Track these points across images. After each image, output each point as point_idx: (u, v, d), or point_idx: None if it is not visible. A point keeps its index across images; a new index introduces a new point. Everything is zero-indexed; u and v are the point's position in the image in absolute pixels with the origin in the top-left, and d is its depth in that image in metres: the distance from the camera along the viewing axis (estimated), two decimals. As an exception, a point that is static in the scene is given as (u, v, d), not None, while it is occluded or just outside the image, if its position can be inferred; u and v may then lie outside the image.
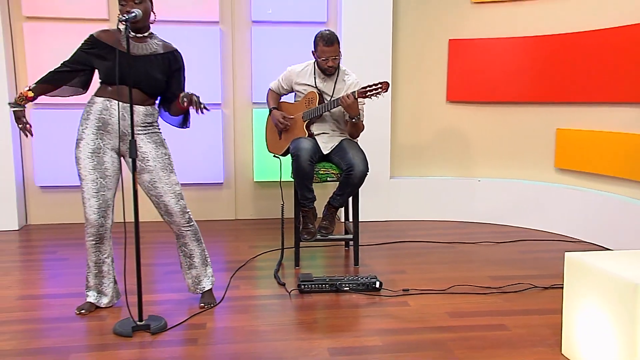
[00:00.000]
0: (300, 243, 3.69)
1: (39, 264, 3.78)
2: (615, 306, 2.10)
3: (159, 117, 2.97)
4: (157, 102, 2.94)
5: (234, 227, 4.76)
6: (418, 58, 4.93)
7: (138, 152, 2.78)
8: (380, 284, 3.24)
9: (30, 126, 2.83)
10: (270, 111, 3.83)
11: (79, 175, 2.80)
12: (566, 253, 2.38)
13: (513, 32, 4.66)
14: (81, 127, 2.80)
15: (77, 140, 2.80)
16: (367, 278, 3.27)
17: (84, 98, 2.99)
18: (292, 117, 3.74)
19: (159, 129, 2.91)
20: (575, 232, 4.38)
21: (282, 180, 3.79)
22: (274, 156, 3.91)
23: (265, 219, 5.02)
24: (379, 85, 3.38)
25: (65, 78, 2.88)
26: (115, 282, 3.00)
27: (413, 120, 4.99)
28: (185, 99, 2.74)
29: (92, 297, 2.95)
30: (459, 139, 4.97)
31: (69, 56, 2.89)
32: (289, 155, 3.66)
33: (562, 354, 2.43)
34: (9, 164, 4.58)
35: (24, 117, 2.82)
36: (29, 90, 2.83)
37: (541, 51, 4.52)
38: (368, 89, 3.40)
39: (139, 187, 2.68)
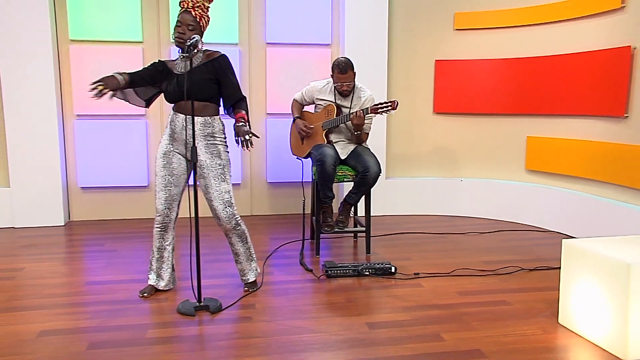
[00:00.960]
0: (320, 235, 3.77)
1: (92, 254, 3.80)
2: (610, 283, 2.25)
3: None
4: (220, 111, 2.93)
5: (251, 222, 4.81)
6: (409, 76, 5.06)
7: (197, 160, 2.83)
8: (395, 269, 3.36)
9: (105, 93, 2.71)
10: (295, 119, 3.91)
11: (156, 172, 2.88)
12: (564, 240, 2.53)
13: (490, 54, 4.83)
14: (164, 133, 2.88)
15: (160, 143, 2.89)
16: (382, 264, 3.38)
17: (116, 109, 3.03)
18: (312, 126, 3.83)
19: (222, 140, 2.87)
20: (543, 223, 4.57)
21: (302, 180, 3.88)
22: (297, 158, 4.00)
23: (278, 215, 5.09)
24: (389, 104, 3.49)
25: (141, 78, 2.87)
26: (172, 270, 3.05)
27: (405, 128, 5.12)
28: (235, 130, 2.76)
29: (152, 279, 3.00)
30: (444, 144, 5.12)
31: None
32: (310, 158, 3.76)
33: (559, 323, 2.58)
34: (57, 168, 4.56)
35: (106, 90, 2.72)
36: (122, 73, 2.82)
37: (514, 71, 4.70)
38: (379, 106, 3.50)
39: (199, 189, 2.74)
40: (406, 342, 2.39)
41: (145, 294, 2.96)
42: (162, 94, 2.97)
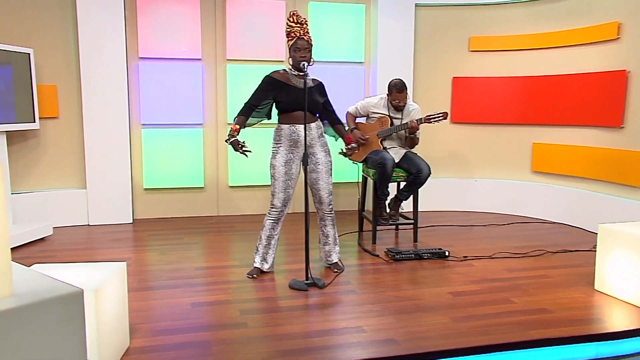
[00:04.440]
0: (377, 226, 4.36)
1: (178, 246, 4.24)
2: (641, 255, 2.93)
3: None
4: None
5: (294, 218, 5.32)
6: (430, 90, 5.70)
7: (313, 158, 3.40)
8: (448, 253, 3.98)
9: (245, 145, 3.26)
10: (352, 130, 4.48)
11: (272, 176, 3.38)
12: (600, 224, 3.20)
13: (500, 73, 5.53)
14: (276, 145, 3.39)
15: (273, 153, 3.39)
16: (436, 249, 3.99)
17: (176, 118, 3.54)
18: (367, 136, 4.41)
19: (325, 136, 3.51)
20: (548, 216, 5.28)
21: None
22: (353, 163, 4.58)
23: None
24: (441, 115, 4.11)
25: (252, 110, 3.43)
26: (274, 255, 3.57)
27: (427, 136, 5.74)
28: (348, 148, 3.47)
29: (257, 262, 3.51)
30: (460, 150, 5.79)
31: (251, 95, 3.43)
32: (364, 161, 4.37)
33: (595, 289, 3.25)
34: (127, 171, 4.99)
35: (238, 143, 3.26)
36: (236, 124, 3.35)
37: (522, 87, 5.41)
38: (432, 116, 4.12)
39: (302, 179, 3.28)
40: (486, 304, 3.01)
41: (254, 275, 3.47)
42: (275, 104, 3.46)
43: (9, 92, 4.18)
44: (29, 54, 4.38)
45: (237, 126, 3.34)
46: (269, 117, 3.55)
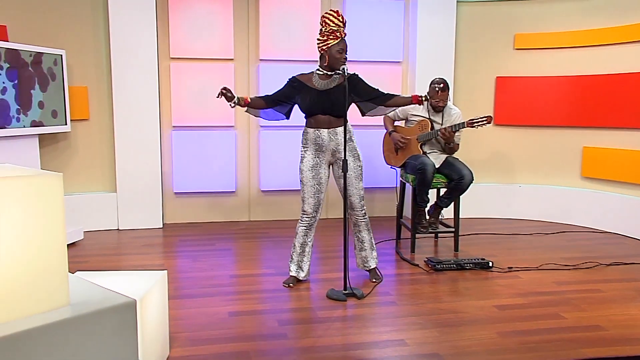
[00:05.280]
0: (415, 234, 4.40)
1: (211, 252, 4.36)
2: None
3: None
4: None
5: (325, 225, 5.39)
6: (471, 90, 5.71)
7: (341, 163, 3.45)
8: (492, 263, 3.99)
9: (230, 101, 3.39)
10: (390, 133, 4.53)
11: (300, 181, 3.47)
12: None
13: (548, 72, 5.50)
14: (303, 149, 3.48)
15: (300, 157, 3.48)
16: (479, 259, 4.01)
17: (208, 121, 3.62)
18: (408, 138, 4.46)
19: (354, 141, 3.51)
20: (599, 225, 5.22)
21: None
22: (391, 167, 4.63)
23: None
24: (485, 119, 4.12)
25: (272, 102, 3.53)
26: (309, 263, 3.65)
27: (469, 139, 5.75)
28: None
29: (293, 270, 3.59)
30: (503, 153, 5.78)
31: (276, 91, 3.53)
32: (402, 166, 4.42)
33: (653, 306, 3.24)
34: (157, 175, 5.14)
35: (231, 99, 3.38)
36: (249, 98, 3.47)
37: (570, 87, 5.37)
38: (475, 120, 4.14)
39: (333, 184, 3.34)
40: (535, 319, 3.03)
41: (290, 284, 3.56)
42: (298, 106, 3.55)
43: (41, 94, 4.37)
44: (61, 55, 4.57)
45: (249, 99, 3.46)
46: (288, 117, 3.63)
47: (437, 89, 4.19)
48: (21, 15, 4.66)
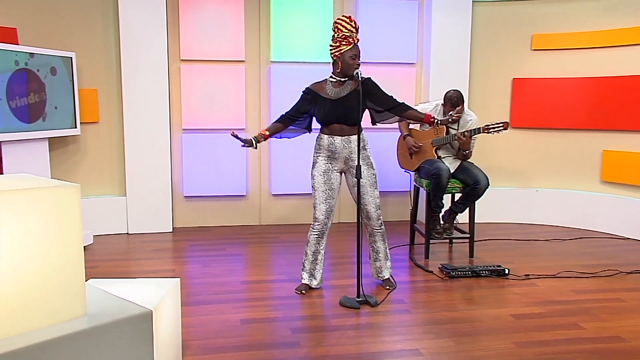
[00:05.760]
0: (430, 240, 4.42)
1: (222, 257, 4.41)
2: None
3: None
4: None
5: (338, 229, 5.44)
6: (486, 92, 5.71)
7: (354, 172, 3.49)
8: (508, 270, 4.00)
9: (248, 144, 3.50)
10: (405, 137, 4.56)
11: (312, 186, 3.52)
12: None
13: (566, 73, 5.50)
14: (316, 154, 3.52)
15: (313, 163, 3.53)
16: (495, 266, 4.03)
17: (218, 123, 3.67)
18: (421, 144, 4.48)
19: (369, 151, 3.55)
20: (619, 231, 5.21)
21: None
22: (405, 171, 4.65)
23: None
24: (501, 125, 4.12)
25: (289, 120, 3.59)
26: (322, 271, 3.69)
27: (485, 143, 5.76)
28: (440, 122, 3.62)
29: (305, 278, 3.64)
30: (520, 157, 5.78)
31: (291, 107, 3.59)
32: (416, 170, 4.44)
33: (674, 316, 3.24)
34: (167, 179, 5.21)
35: (250, 143, 3.50)
36: (266, 130, 3.52)
37: (590, 89, 5.36)
38: (491, 126, 4.14)
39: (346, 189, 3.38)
40: (553, 329, 3.04)
41: (303, 292, 3.60)
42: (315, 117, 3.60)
43: (51, 97, 4.45)
44: (71, 57, 4.65)
45: (267, 132, 3.54)
46: (310, 131, 3.68)
47: (451, 113, 3.92)
48: (31, 18, 4.74)
